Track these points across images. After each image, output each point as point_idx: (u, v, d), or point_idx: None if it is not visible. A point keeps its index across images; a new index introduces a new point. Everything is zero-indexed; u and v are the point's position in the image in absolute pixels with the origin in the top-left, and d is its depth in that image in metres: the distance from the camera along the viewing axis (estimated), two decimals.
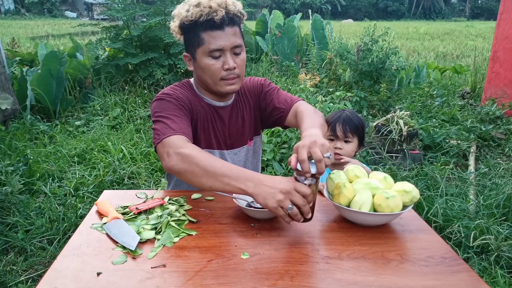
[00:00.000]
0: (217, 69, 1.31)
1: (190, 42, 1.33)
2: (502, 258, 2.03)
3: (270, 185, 1.02)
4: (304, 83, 4.94)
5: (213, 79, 1.34)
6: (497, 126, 4.17)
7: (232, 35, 1.30)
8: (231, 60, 1.31)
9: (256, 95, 1.55)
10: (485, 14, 43.90)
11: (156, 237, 1.05)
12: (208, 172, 1.10)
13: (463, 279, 0.92)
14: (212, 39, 1.28)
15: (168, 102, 1.33)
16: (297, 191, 1.00)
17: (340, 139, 1.60)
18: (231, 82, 1.35)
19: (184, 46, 1.40)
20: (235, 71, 1.33)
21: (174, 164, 1.15)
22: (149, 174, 3.13)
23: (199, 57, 1.32)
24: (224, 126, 1.47)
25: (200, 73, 1.36)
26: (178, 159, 1.14)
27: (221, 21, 1.26)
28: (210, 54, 1.30)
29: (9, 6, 32.22)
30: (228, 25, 1.28)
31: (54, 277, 0.89)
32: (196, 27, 1.29)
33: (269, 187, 1.02)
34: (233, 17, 1.29)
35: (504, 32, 4.68)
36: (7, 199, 2.47)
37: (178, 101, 1.34)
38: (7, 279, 1.95)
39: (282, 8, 38.22)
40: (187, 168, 1.13)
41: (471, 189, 2.81)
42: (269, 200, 1.01)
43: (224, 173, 1.09)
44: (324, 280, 0.90)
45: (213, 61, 1.31)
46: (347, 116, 1.62)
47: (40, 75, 4.36)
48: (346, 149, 1.60)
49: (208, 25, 1.27)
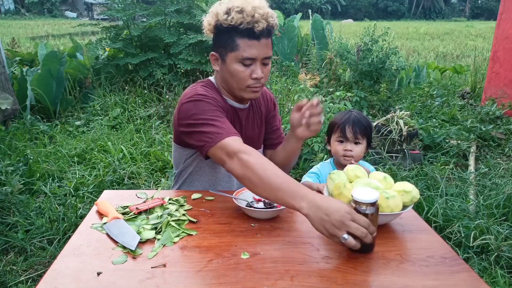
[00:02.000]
0: (245, 76, 1.32)
1: (223, 44, 1.33)
2: (502, 258, 2.03)
3: (325, 212, 0.96)
4: (304, 83, 4.94)
5: (240, 85, 1.35)
6: (497, 126, 4.17)
7: (266, 46, 1.31)
8: (260, 71, 1.32)
9: (266, 109, 1.61)
10: (485, 14, 43.90)
11: (156, 237, 1.05)
12: (264, 183, 1.09)
13: (463, 279, 0.92)
14: (247, 47, 1.28)
15: (207, 103, 1.31)
16: (355, 221, 0.94)
17: (350, 141, 1.56)
18: (255, 89, 1.36)
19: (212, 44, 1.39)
20: (261, 80, 1.35)
21: (234, 167, 1.15)
22: (149, 174, 3.13)
23: (230, 61, 1.32)
24: (241, 127, 1.49)
25: (228, 77, 1.36)
26: (238, 164, 1.15)
27: (260, 32, 1.27)
28: (241, 61, 1.30)
29: (9, 6, 32.20)
30: (265, 37, 1.29)
31: (54, 277, 0.89)
32: (233, 32, 1.29)
33: (325, 214, 0.96)
34: (271, 29, 1.30)
35: (504, 32, 4.68)
36: (7, 199, 2.47)
37: (216, 102, 1.34)
38: (7, 279, 1.95)
39: (282, 8, 38.20)
40: (245, 175, 1.12)
41: (471, 189, 2.81)
42: (325, 229, 0.96)
43: (279, 187, 1.06)
44: (324, 280, 0.90)
45: (243, 68, 1.31)
46: (356, 117, 1.58)
47: (40, 75, 4.36)
48: (356, 151, 1.56)
49: (247, 33, 1.27)
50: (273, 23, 1.30)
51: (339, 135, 1.58)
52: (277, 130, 1.66)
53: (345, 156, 1.56)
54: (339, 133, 1.58)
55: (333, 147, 1.61)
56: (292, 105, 4.06)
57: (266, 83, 5.28)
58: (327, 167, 1.67)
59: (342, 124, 1.57)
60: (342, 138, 1.57)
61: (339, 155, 1.58)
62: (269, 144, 1.65)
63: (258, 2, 1.29)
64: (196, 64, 4.70)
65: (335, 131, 1.60)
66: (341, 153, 1.57)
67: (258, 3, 1.28)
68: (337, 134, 1.59)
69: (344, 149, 1.56)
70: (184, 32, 4.95)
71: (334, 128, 1.61)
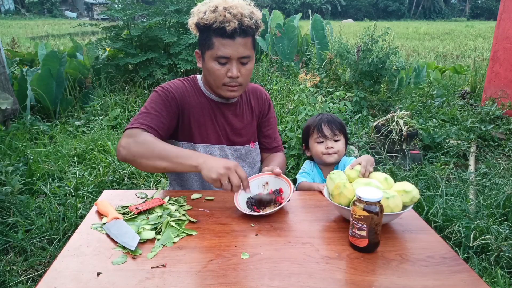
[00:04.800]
0: (221, 74, 1.35)
1: (202, 42, 1.36)
2: (502, 258, 2.03)
3: (216, 162, 1.16)
4: (304, 83, 4.93)
5: (216, 83, 1.38)
6: (497, 126, 4.17)
7: (242, 45, 1.31)
8: (235, 69, 1.33)
9: (260, 110, 1.61)
10: (485, 14, 43.87)
11: (156, 237, 1.05)
12: (161, 155, 1.21)
13: (463, 279, 0.92)
14: (221, 46, 1.30)
15: (158, 95, 1.40)
16: (237, 172, 1.15)
17: (329, 138, 1.61)
18: (232, 88, 1.38)
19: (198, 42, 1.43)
20: (238, 79, 1.36)
21: (128, 150, 1.25)
22: (149, 174, 3.13)
23: (207, 59, 1.35)
24: (226, 122, 1.50)
25: (206, 74, 1.41)
26: (133, 145, 1.24)
27: (232, 31, 1.27)
28: (217, 59, 1.33)
29: (9, 6, 32.17)
30: (240, 36, 1.30)
31: (54, 277, 0.89)
32: (209, 30, 1.31)
33: (215, 163, 1.15)
34: (247, 28, 1.30)
35: (504, 32, 4.68)
36: (7, 199, 2.47)
37: (167, 97, 1.39)
38: (7, 279, 1.95)
39: (282, 8, 38.20)
40: (142, 153, 1.22)
41: (471, 189, 2.81)
42: (212, 173, 1.13)
43: (176, 155, 1.22)
44: (324, 280, 0.90)
45: (219, 66, 1.34)
46: (329, 116, 1.64)
47: (40, 75, 4.36)
48: (337, 147, 1.61)
49: (220, 32, 1.28)
50: (249, 23, 1.29)
51: (317, 136, 1.62)
52: (273, 133, 1.67)
53: (328, 154, 1.60)
54: (316, 134, 1.62)
55: (313, 149, 1.65)
56: (292, 105, 4.06)
57: (266, 83, 5.31)
58: (309, 163, 1.73)
59: (318, 125, 1.62)
60: (321, 138, 1.61)
61: (320, 156, 1.62)
62: (265, 148, 1.66)
63: (235, 1, 1.29)
64: (196, 64, 4.69)
65: (312, 134, 1.65)
66: (324, 152, 1.61)
67: (235, 3, 1.29)
68: (315, 136, 1.63)
69: (326, 148, 1.60)
70: (184, 32, 4.95)
71: (310, 131, 1.65)
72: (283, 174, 1.33)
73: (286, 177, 1.28)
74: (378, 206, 0.98)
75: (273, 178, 1.31)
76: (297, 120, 3.38)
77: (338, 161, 1.65)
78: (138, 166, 1.26)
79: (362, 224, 0.98)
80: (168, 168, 1.22)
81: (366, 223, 0.97)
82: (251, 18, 1.31)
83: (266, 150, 1.67)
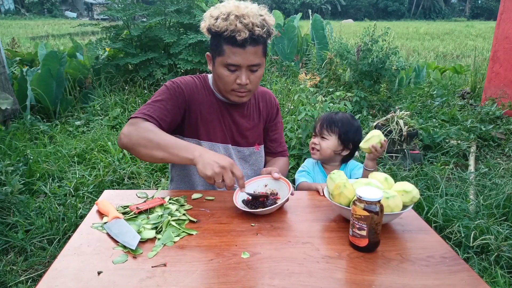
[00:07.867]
0: (230, 80, 1.35)
1: (213, 47, 1.36)
2: (502, 258, 2.03)
3: (212, 158, 1.15)
4: (304, 83, 4.93)
5: (225, 88, 1.39)
6: (497, 126, 4.17)
7: (252, 54, 1.31)
8: (244, 77, 1.34)
9: (268, 113, 1.63)
10: (485, 14, 43.88)
11: (156, 237, 1.05)
12: (159, 145, 1.21)
13: (463, 279, 0.92)
14: (231, 54, 1.30)
15: (167, 89, 1.41)
16: (232, 171, 1.14)
17: (317, 135, 1.67)
18: (241, 94, 1.39)
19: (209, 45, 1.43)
20: (247, 86, 1.37)
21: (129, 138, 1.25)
22: (149, 174, 3.13)
23: (217, 64, 1.36)
24: (233, 123, 1.52)
25: (216, 78, 1.41)
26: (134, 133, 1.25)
27: (243, 41, 1.27)
28: (226, 66, 1.33)
29: (9, 6, 32.17)
30: (250, 45, 1.29)
31: (54, 276, 0.89)
32: (220, 37, 1.31)
33: (211, 160, 1.14)
34: (257, 38, 1.30)
35: (504, 32, 4.68)
36: (7, 199, 2.47)
37: (175, 91, 1.40)
38: (7, 279, 1.95)
39: (282, 8, 38.20)
40: (142, 142, 1.23)
41: (471, 189, 2.81)
42: (207, 170, 1.12)
43: (174, 145, 1.21)
44: (324, 279, 0.90)
45: (228, 72, 1.34)
46: (330, 115, 1.68)
47: (40, 75, 4.36)
48: (321, 145, 1.65)
49: (231, 40, 1.28)
50: (260, 32, 1.28)
51: (313, 130, 1.71)
52: (279, 137, 1.69)
53: (312, 148, 1.68)
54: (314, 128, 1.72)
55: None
56: (292, 105, 4.06)
57: (266, 83, 5.30)
58: (310, 161, 1.76)
59: (319, 119, 1.70)
60: (314, 132, 1.70)
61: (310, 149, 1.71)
62: (270, 152, 1.68)
63: (248, 9, 1.28)
64: (196, 64, 4.70)
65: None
66: (310, 147, 1.70)
67: (247, 11, 1.28)
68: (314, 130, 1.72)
69: (312, 142, 1.68)
70: (184, 32, 4.95)
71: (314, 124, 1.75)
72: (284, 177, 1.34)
73: (285, 179, 1.29)
74: (378, 205, 0.99)
75: (272, 180, 1.32)
76: (297, 120, 3.38)
77: (321, 159, 1.69)
78: (137, 154, 1.27)
79: (362, 224, 0.98)
80: (165, 158, 1.22)
81: (366, 222, 0.97)
82: (263, 27, 1.30)
83: (272, 154, 1.68)
